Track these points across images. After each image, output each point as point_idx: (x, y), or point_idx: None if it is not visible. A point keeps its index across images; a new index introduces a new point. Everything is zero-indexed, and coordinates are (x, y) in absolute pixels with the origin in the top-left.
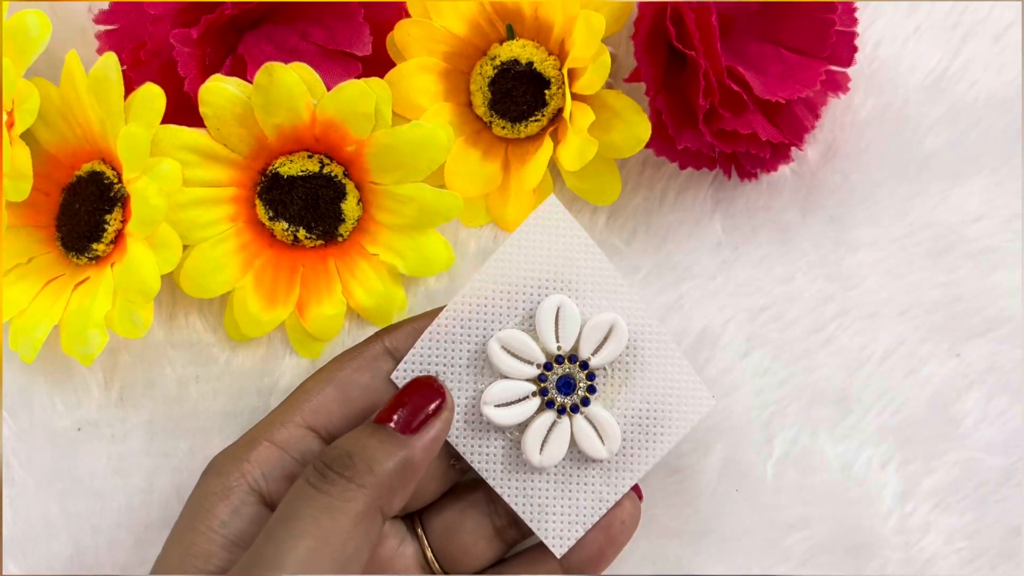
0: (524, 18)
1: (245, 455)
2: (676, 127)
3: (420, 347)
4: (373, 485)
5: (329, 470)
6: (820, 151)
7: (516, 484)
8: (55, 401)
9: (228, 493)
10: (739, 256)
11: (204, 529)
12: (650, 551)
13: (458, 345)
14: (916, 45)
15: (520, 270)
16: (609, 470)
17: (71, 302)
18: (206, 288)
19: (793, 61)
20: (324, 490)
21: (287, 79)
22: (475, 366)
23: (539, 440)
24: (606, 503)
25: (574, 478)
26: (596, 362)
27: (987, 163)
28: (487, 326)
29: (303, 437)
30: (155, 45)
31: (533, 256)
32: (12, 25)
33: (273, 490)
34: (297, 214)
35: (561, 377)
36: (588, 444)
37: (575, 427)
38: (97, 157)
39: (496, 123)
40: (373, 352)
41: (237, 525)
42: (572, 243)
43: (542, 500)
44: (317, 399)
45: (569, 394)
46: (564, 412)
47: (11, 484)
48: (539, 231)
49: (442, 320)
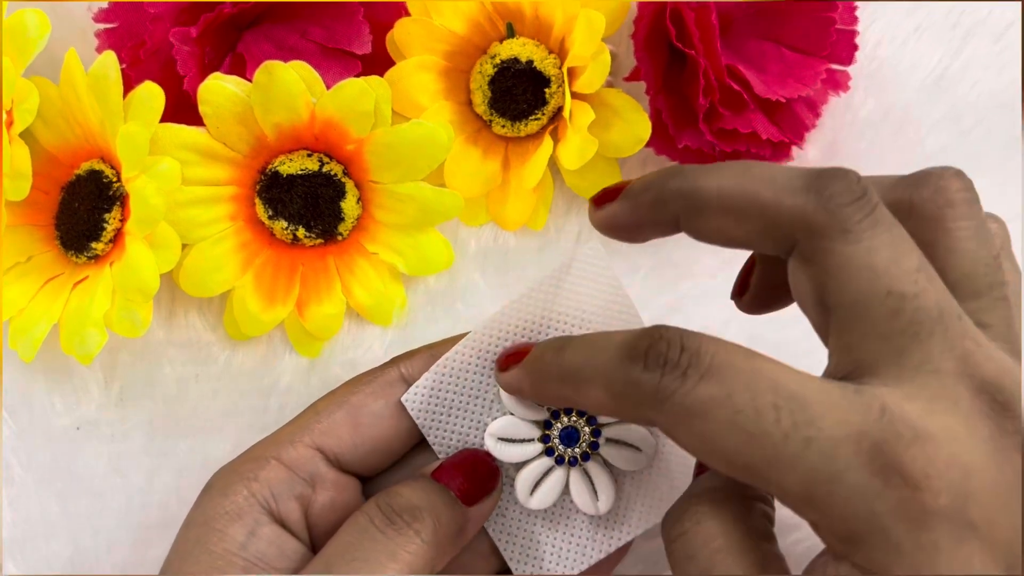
0: (524, 16)
1: (253, 474)
2: (676, 126)
3: (435, 372)
4: (434, 544)
5: (397, 516)
6: (820, 150)
7: (503, 522)
8: (54, 400)
9: (241, 514)
10: (739, 255)
11: (222, 552)
12: (649, 552)
13: (473, 376)
14: (916, 44)
15: (547, 311)
16: (598, 526)
17: (70, 301)
18: (205, 287)
19: (793, 60)
20: (389, 536)
21: (287, 78)
22: (485, 399)
23: (533, 481)
24: (588, 559)
25: (560, 527)
26: (604, 419)
27: (987, 163)
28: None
29: (312, 458)
30: (154, 44)
31: (563, 299)
32: (11, 24)
33: (283, 510)
34: (297, 213)
35: (565, 428)
36: (581, 498)
37: (571, 478)
38: (96, 156)
39: (496, 122)
40: (388, 378)
41: (257, 547)
42: (606, 294)
43: (524, 542)
44: (327, 421)
45: (571, 446)
46: (564, 462)
47: (10, 484)
48: (575, 275)
49: (460, 349)
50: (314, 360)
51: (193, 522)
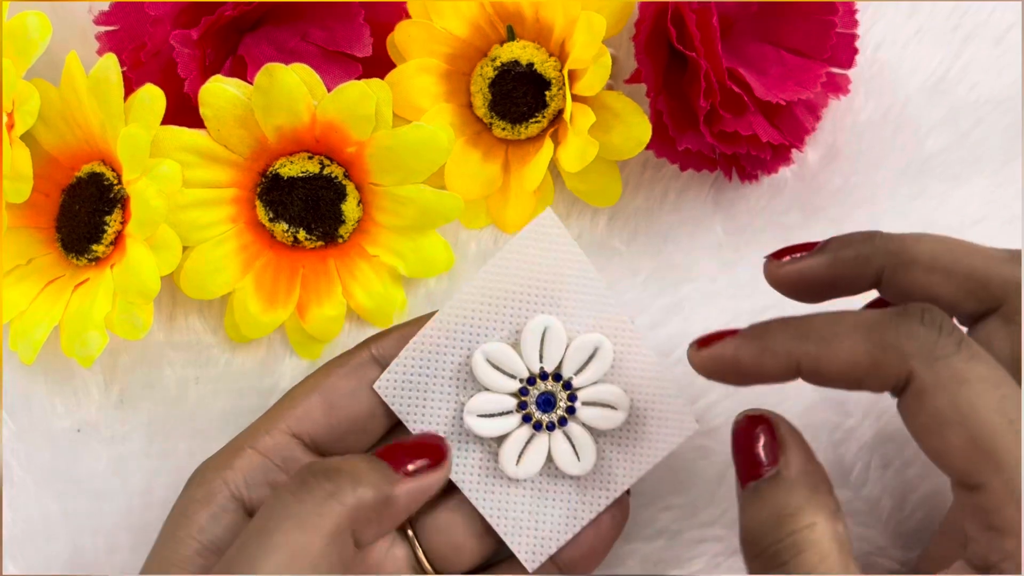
0: (525, 19)
1: (228, 462)
2: (677, 128)
3: (404, 357)
4: (351, 506)
5: (311, 478)
6: (821, 153)
7: (491, 496)
8: (55, 402)
9: (209, 500)
10: (740, 258)
11: (183, 536)
12: (648, 553)
13: (443, 356)
14: (917, 47)
15: (510, 283)
16: (584, 488)
17: (71, 303)
18: (206, 289)
19: (794, 63)
20: (301, 499)
21: (288, 80)
22: (459, 378)
23: (516, 452)
24: (580, 521)
25: (549, 494)
26: (579, 382)
27: (988, 165)
28: (474, 338)
29: (287, 444)
30: (155, 46)
31: (525, 270)
32: (12, 26)
33: (255, 497)
34: (297, 215)
35: (542, 394)
36: (564, 460)
37: (552, 443)
38: (97, 158)
39: (496, 124)
40: (359, 360)
41: (214, 531)
42: (565, 258)
43: (516, 514)
44: (302, 406)
45: (548, 411)
46: (542, 428)
47: (10, 484)
48: (533, 244)
49: (428, 331)
50: (315, 362)
51: (172, 512)
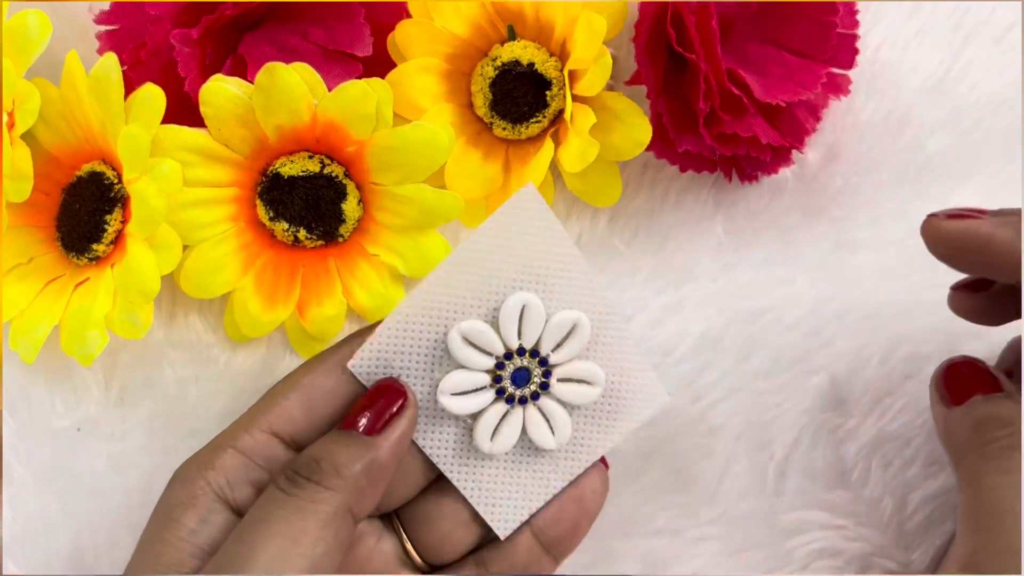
0: (525, 19)
1: (210, 463)
2: (677, 130)
3: (379, 336)
4: (342, 488)
5: (298, 475)
6: (821, 154)
7: (466, 470)
8: (55, 401)
9: (194, 501)
10: (740, 258)
11: (172, 539)
12: (648, 551)
13: (418, 334)
14: (917, 47)
15: (488, 260)
16: (558, 459)
17: (71, 302)
18: (206, 288)
19: (794, 64)
20: (294, 494)
21: (288, 79)
22: (433, 356)
23: (491, 427)
24: (553, 488)
25: (523, 466)
26: (555, 359)
27: (988, 165)
28: (450, 316)
29: (267, 443)
30: (155, 45)
31: (503, 246)
32: (12, 25)
33: (239, 497)
34: (298, 214)
35: (517, 369)
36: (538, 434)
37: (527, 417)
38: (97, 157)
39: (497, 124)
40: (340, 357)
41: (207, 533)
42: (545, 234)
43: (491, 486)
44: (282, 405)
45: (523, 386)
46: (515, 402)
47: (11, 483)
48: (512, 220)
49: (403, 308)
50: None
51: (155, 514)
